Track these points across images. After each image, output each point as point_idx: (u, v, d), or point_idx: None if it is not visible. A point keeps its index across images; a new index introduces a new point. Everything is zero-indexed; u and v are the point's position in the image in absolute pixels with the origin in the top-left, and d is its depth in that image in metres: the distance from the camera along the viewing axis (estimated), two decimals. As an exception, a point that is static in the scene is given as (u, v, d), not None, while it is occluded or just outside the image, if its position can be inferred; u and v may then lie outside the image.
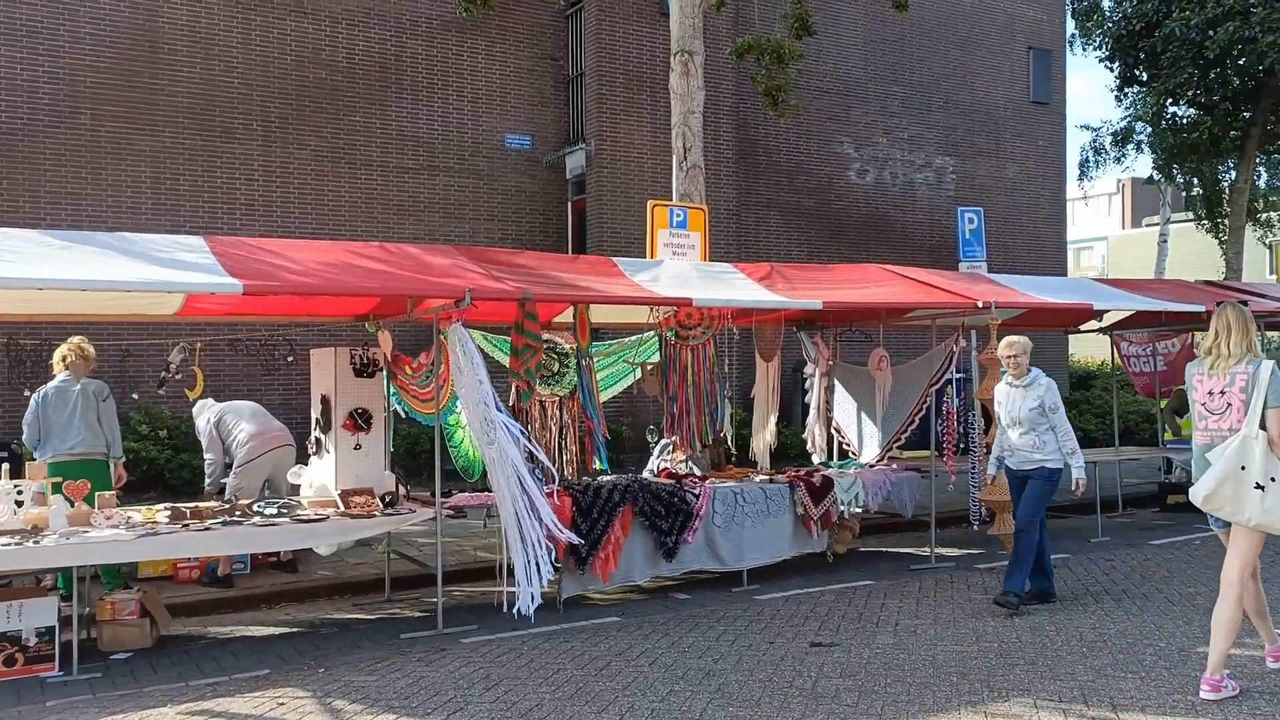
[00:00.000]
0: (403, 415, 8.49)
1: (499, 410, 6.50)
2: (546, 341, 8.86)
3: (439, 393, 7.06)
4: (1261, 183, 23.78)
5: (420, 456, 12.00)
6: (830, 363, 10.36)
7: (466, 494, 8.25)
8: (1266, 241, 24.87)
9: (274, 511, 7.08)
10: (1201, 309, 10.45)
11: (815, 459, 10.36)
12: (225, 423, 8.39)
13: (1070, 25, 22.21)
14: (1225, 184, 21.90)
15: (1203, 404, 5.21)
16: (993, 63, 20.20)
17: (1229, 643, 5.10)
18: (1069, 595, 7.60)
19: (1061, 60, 21.50)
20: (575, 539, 7.16)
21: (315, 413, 8.15)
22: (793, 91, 13.69)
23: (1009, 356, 7.38)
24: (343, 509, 7.29)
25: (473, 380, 6.49)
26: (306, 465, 8.36)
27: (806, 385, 10.59)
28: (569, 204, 15.95)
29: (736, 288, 8.43)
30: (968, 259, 13.28)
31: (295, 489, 8.39)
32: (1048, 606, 7.25)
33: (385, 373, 7.98)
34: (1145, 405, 16.71)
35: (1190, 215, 25.35)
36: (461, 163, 15.17)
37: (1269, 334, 17.13)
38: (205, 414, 8.52)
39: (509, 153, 15.51)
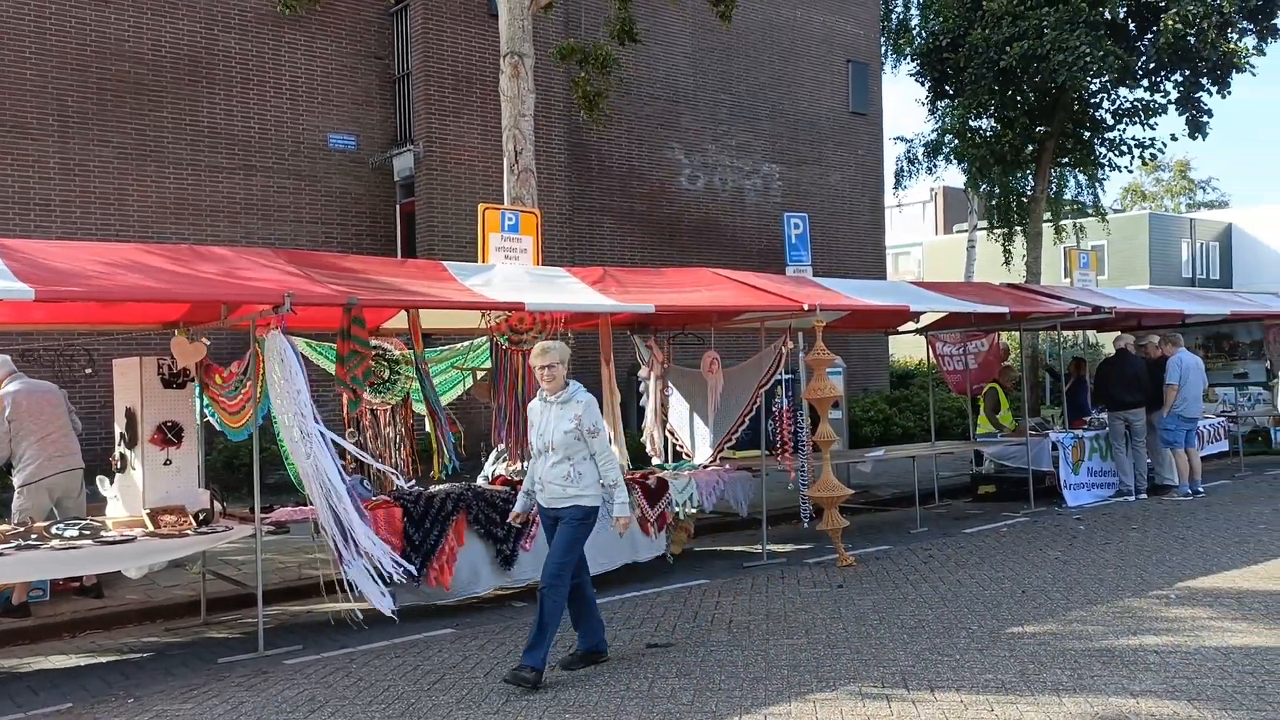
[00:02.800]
0: (217, 427, 8.04)
1: (317, 422, 6.22)
2: (375, 348, 8.60)
3: (247, 405, 6.72)
4: (1068, 194, 25.62)
5: (240, 470, 11.41)
6: (664, 365, 10.46)
7: (289, 508, 7.87)
8: (1062, 246, 26.80)
9: (75, 533, 6.56)
10: (1006, 310, 11.13)
11: (655, 461, 10.45)
12: (17, 429, 7.68)
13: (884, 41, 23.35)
14: (1023, 195, 23.45)
15: None
16: (814, 74, 20.97)
17: None
18: (892, 584, 7.92)
19: (878, 74, 22.55)
20: (395, 563, 6.51)
21: (119, 427, 7.61)
22: (612, 99, 13.77)
23: (543, 366, 5.92)
24: (151, 529, 6.83)
25: (290, 390, 6.20)
26: (110, 483, 7.80)
27: (641, 389, 10.66)
28: (397, 207, 15.55)
29: (570, 292, 8.40)
30: (794, 263, 13.66)
31: (101, 507, 7.82)
32: (873, 598, 7.52)
33: (198, 383, 7.54)
34: (958, 402, 17.67)
35: (991, 223, 27.04)
36: (281, 162, 14.56)
37: (1065, 333, 18.45)
38: (4, 402, 7.76)
39: (332, 153, 14.99)
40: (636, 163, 18.19)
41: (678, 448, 10.49)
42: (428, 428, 8.08)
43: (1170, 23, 17.22)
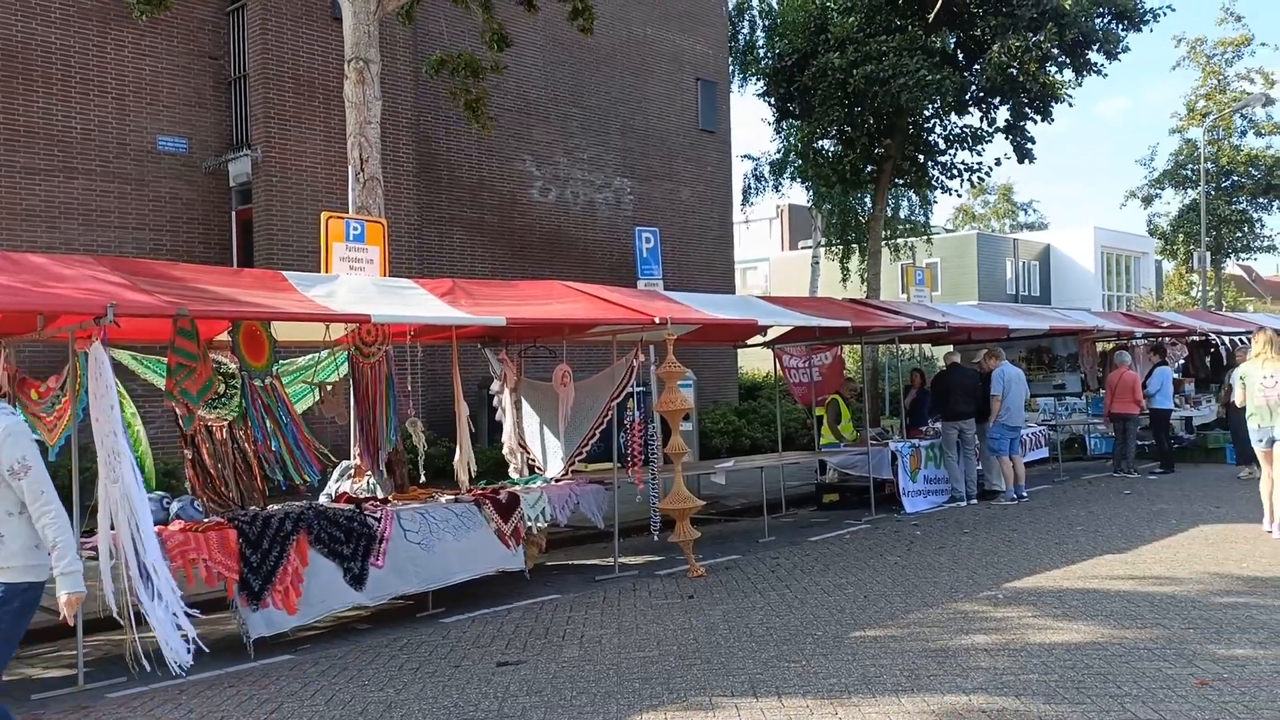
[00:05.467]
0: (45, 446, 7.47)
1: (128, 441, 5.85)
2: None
3: (63, 420, 6.28)
4: (903, 213, 26.80)
5: (58, 490, 10.63)
6: (517, 378, 10.36)
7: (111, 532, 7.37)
8: (899, 263, 28.04)
9: None
10: (848, 324, 11.52)
11: (514, 475, 10.32)
12: None
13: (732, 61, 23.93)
14: (862, 214, 24.44)
15: (1261, 382, 9.63)
16: (664, 91, 21.28)
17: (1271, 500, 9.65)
18: (741, 594, 8.04)
19: (726, 92, 23.07)
20: (180, 616, 5.87)
21: (-82, 448, 6.96)
22: (487, 104, 13.69)
23: None
24: (-46, 559, 6.26)
25: (104, 406, 5.82)
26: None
27: (496, 403, 10.52)
28: (233, 214, 14.88)
29: (418, 304, 8.21)
30: (645, 277, 13.82)
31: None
32: (723, 608, 7.62)
33: (12, 398, 6.99)
34: (804, 413, 18.19)
35: (831, 240, 28.06)
36: (105, 165, 13.71)
37: (903, 346, 19.30)
38: None
39: (162, 156, 14.21)
40: (487, 174, 18.01)
41: (530, 461, 10.40)
42: (274, 445, 7.72)
43: (996, 55, 18.30)
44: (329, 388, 9.07)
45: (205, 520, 7.19)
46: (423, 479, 9.85)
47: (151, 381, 8.46)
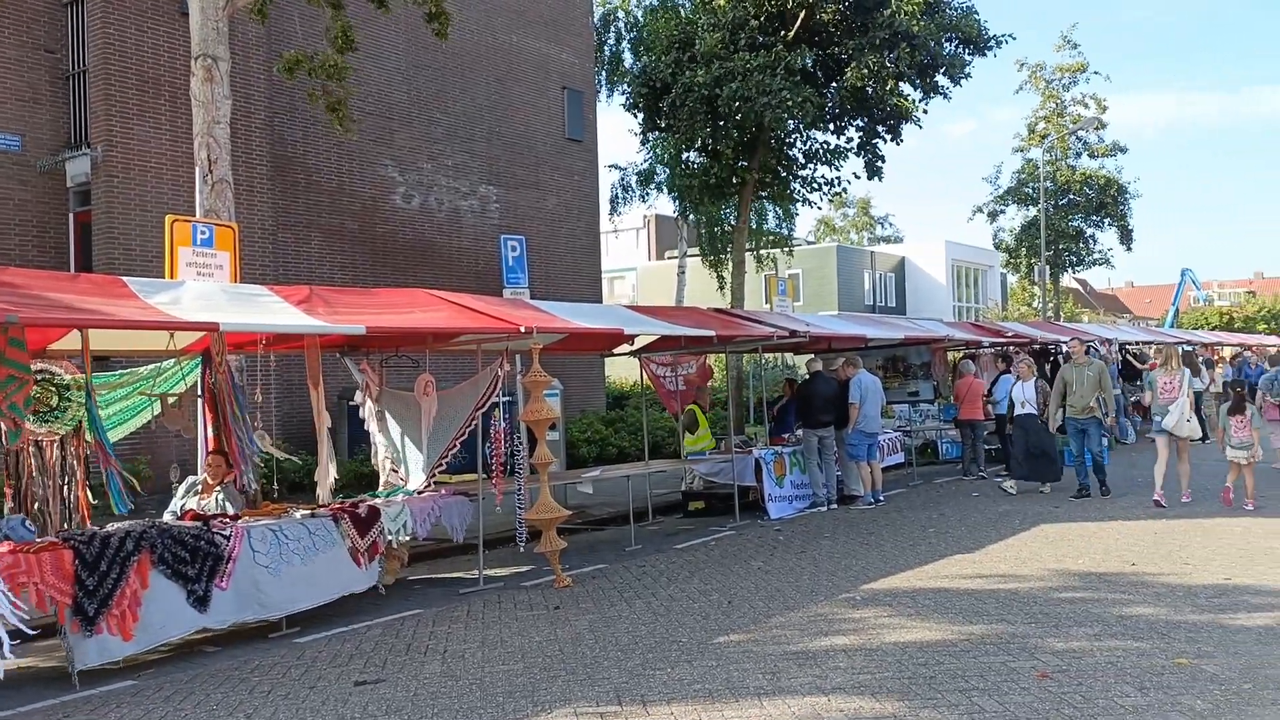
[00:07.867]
0: None
1: None
2: (40, 372, 7.69)
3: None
4: (768, 225, 27.37)
5: None
6: (379, 388, 10.09)
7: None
8: (763, 274, 28.67)
9: None
10: (713, 334, 11.68)
11: (381, 488, 10.03)
12: None
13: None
14: (728, 224, 24.88)
15: (1162, 387, 11.76)
16: (530, 99, 21.18)
17: (1162, 478, 11.65)
18: (608, 603, 8.02)
19: (593, 102, 23.13)
20: (19, 624, 5.80)
21: None
22: (350, 105, 13.30)
23: None
24: None
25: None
26: None
27: (363, 414, 10.21)
28: (71, 216, 14.03)
29: (271, 311, 7.89)
30: (511, 285, 13.71)
31: None
32: (589, 618, 7.58)
33: None
34: (673, 422, 18.35)
35: (702, 250, 28.49)
36: (-72, 162, 12.75)
37: (766, 355, 19.69)
38: None
39: (-9, 154, 13.31)
40: (347, 178, 17.53)
41: (392, 473, 10.13)
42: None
43: (852, 74, 18.94)
44: (172, 399, 8.64)
45: (38, 540, 6.72)
46: (276, 493, 9.49)
47: (-25, 394, 7.87)
